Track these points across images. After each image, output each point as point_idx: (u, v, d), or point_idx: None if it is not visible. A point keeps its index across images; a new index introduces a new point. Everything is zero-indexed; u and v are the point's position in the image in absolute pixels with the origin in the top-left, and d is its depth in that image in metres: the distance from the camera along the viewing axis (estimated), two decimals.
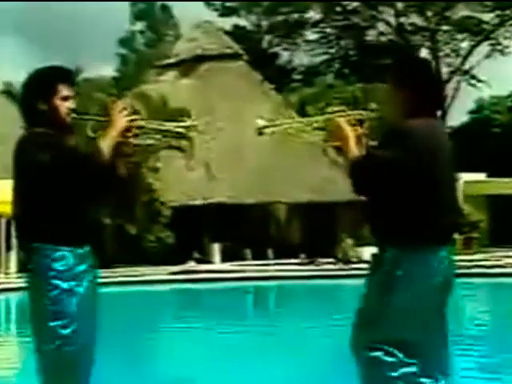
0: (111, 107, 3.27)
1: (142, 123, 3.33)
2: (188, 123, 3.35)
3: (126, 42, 40.86)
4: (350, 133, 3.17)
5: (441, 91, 3.36)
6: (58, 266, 3.12)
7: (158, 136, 3.35)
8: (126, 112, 3.25)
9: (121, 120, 3.23)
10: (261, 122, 3.31)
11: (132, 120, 3.27)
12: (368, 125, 3.26)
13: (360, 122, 3.25)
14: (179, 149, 22.27)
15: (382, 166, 2.95)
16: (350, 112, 3.27)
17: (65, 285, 3.12)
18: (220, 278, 16.33)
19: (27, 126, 3.26)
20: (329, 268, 17.88)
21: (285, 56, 39.57)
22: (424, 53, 35.51)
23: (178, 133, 3.33)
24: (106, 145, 3.16)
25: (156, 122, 3.40)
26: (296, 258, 19.53)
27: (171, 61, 26.49)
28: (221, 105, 24.08)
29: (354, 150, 3.12)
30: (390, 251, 3.00)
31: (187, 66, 26.04)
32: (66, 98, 3.25)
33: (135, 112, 3.43)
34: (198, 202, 21.86)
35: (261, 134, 3.33)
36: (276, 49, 39.46)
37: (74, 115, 3.26)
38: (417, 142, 2.92)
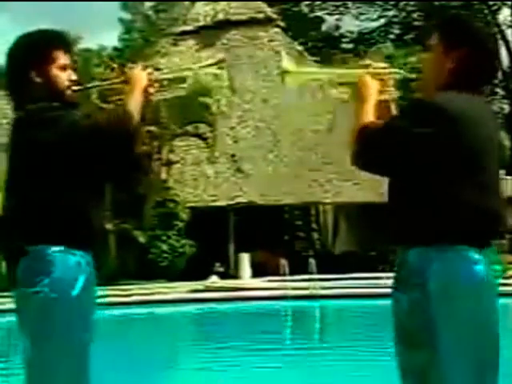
0: (120, 69, 3.42)
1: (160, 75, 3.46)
2: (212, 61, 3.65)
3: (130, 5, 41.20)
4: (372, 93, 3.24)
5: (495, 63, 3.36)
6: (51, 271, 3.14)
7: (182, 85, 3.49)
8: (140, 67, 3.38)
9: (140, 75, 3.32)
10: (286, 65, 3.39)
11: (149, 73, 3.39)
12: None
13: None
14: (198, 136, 22.50)
15: (399, 139, 3.01)
16: (385, 70, 3.37)
17: (54, 295, 3.12)
18: (250, 297, 16.24)
19: (16, 106, 3.30)
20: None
21: (330, 21, 39.59)
22: (504, 14, 35.29)
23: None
24: (134, 109, 3.22)
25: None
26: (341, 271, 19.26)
27: (188, 28, 26.67)
28: (250, 82, 24.12)
29: (367, 112, 3.18)
30: (416, 253, 3.03)
31: (207, 34, 26.16)
32: (63, 68, 3.31)
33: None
34: (221, 203, 21.84)
35: (283, 80, 3.43)
36: (319, 13, 39.46)
37: (75, 87, 3.31)
38: (451, 119, 2.97)
